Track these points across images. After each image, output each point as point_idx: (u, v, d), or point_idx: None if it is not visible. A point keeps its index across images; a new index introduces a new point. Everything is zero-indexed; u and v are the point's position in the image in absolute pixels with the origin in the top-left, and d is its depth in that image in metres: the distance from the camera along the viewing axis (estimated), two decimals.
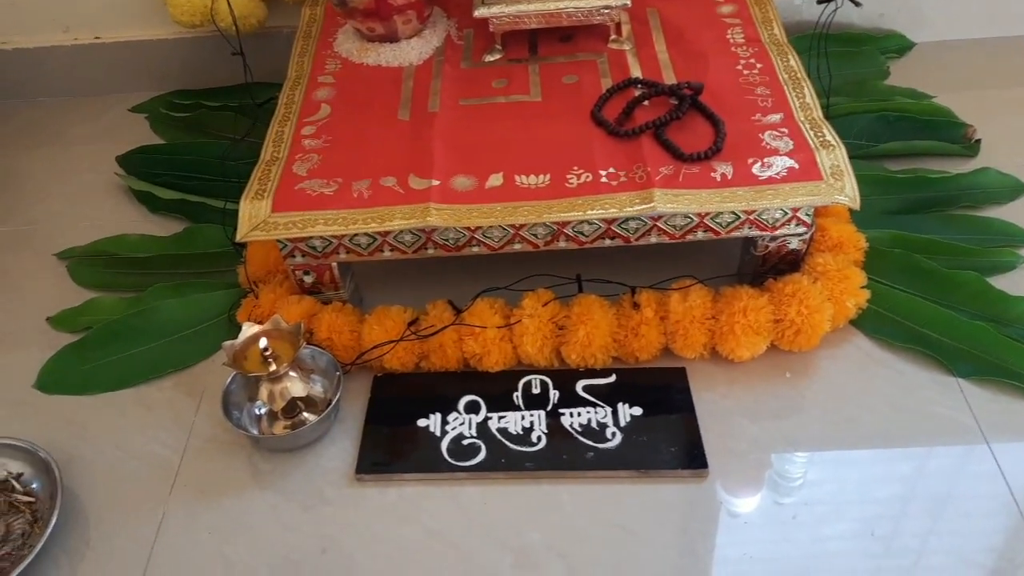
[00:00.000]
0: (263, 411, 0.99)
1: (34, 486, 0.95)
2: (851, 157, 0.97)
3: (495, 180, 0.98)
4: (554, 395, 0.99)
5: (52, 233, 1.28)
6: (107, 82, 1.51)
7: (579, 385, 1.00)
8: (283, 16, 1.39)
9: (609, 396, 0.99)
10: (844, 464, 0.93)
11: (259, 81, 1.29)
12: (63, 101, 1.53)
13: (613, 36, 1.15)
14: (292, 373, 0.97)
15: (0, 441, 0.97)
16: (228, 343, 0.95)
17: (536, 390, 1.00)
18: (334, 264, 1.04)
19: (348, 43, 1.21)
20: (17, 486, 0.95)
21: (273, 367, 0.94)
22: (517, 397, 0.99)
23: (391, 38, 1.18)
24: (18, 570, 0.86)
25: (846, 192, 0.93)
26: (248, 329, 0.97)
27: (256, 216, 0.98)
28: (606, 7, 1.11)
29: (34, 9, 1.44)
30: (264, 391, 0.97)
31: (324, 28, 1.26)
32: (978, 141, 1.23)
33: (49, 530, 0.89)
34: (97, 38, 1.48)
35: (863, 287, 1.01)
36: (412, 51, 1.18)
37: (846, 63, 1.34)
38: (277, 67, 1.23)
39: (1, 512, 0.93)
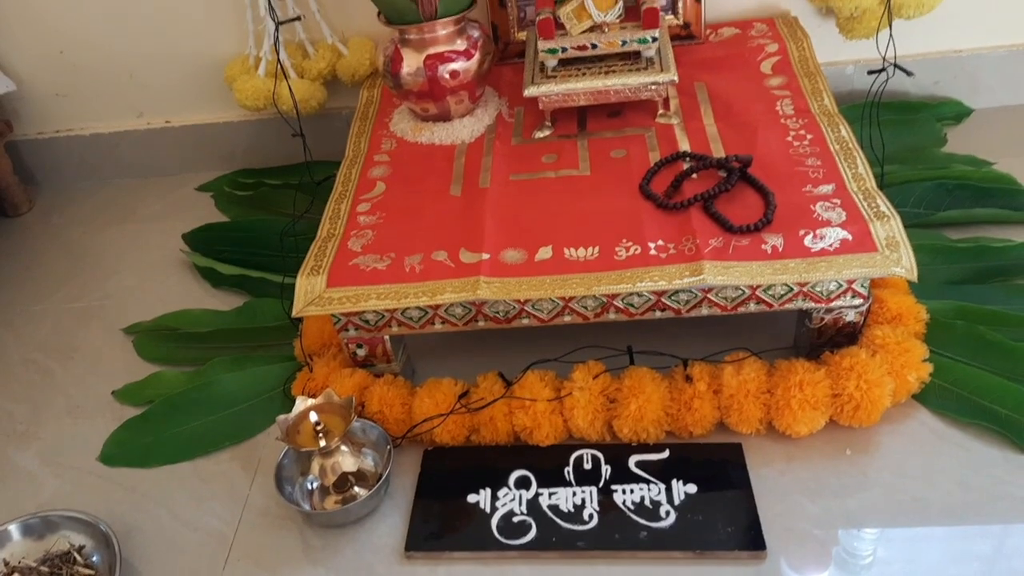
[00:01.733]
0: (315, 485, 0.99)
1: (95, 559, 0.96)
2: (909, 226, 0.95)
3: (544, 253, 0.99)
4: (606, 470, 0.97)
5: (122, 308, 1.32)
6: (176, 163, 1.58)
7: (632, 460, 0.98)
8: (342, 98, 1.45)
9: (663, 472, 0.96)
10: (910, 545, 0.88)
11: (318, 160, 1.33)
12: (135, 181, 1.61)
13: (661, 111, 1.16)
14: (343, 447, 0.98)
15: (64, 514, 0.99)
16: (282, 418, 0.97)
17: (588, 465, 0.98)
18: (386, 337, 1.05)
19: (403, 123, 1.24)
20: (79, 559, 0.96)
21: (324, 442, 0.95)
22: (568, 472, 0.98)
23: (444, 117, 1.21)
24: None
25: (902, 264, 0.91)
26: (301, 403, 0.98)
27: (312, 292, 1.00)
28: (654, 83, 1.12)
29: (112, 97, 1.53)
30: (316, 465, 0.98)
31: (380, 109, 1.30)
32: None
33: None
34: (168, 122, 1.56)
35: (925, 360, 0.98)
36: (464, 129, 1.21)
37: (901, 131, 1.32)
38: (336, 146, 1.28)
39: None
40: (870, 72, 1.21)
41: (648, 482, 0.95)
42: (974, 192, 1.21)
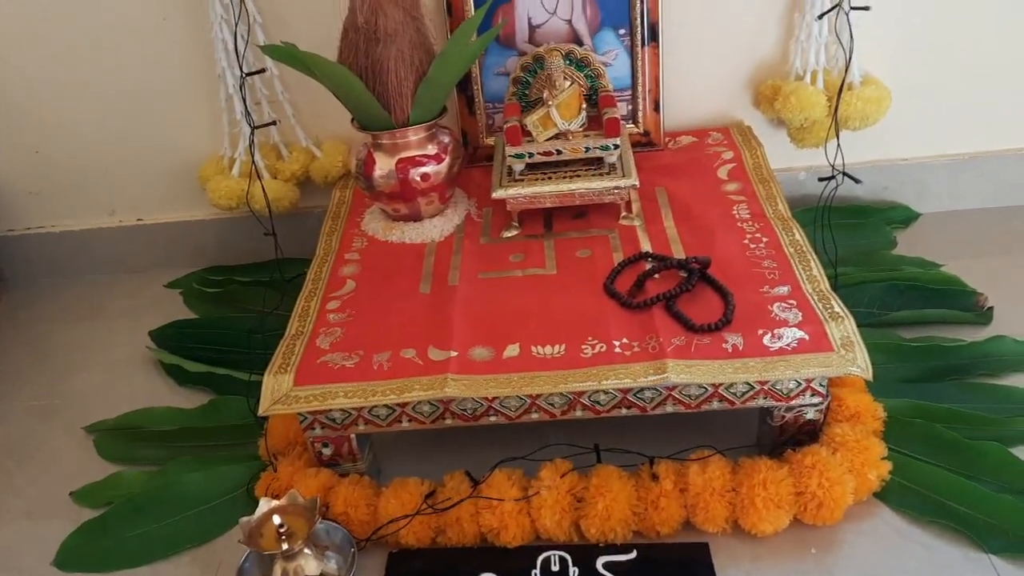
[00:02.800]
0: None
1: None
2: (863, 325, 0.98)
3: (512, 350, 1.00)
4: (573, 572, 0.96)
5: (85, 406, 1.30)
6: (146, 259, 1.58)
7: (599, 562, 0.97)
8: (314, 197, 1.47)
9: (630, 574, 0.95)
10: None
11: (289, 257, 1.35)
12: (105, 278, 1.60)
13: (624, 213, 1.20)
14: (307, 550, 0.95)
15: None
16: (244, 519, 0.95)
17: (555, 567, 0.97)
18: (353, 436, 1.04)
19: (374, 222, 1.27)
20: None
21: (287, 545, 0.93)
22: (536, 575, 0.96)
23: (415, 217, 1.24)
24: None
25: (857, 363, 0.93)
26: (265, 504, 0.96)
27: (278, 390, 0.99)
28: (616, 187, 1.16)
29: (86, 195, 1.54)
30: (278, 569, 0.95)
31: (352, 208, 1.33)
32: (990, 309, 1.23)
33: None
34: (140, 220, 1.56)
35: (884, 458, 0.99)
36: (434, 229, 1.23)
37: (853, 234, 1.37)
38: (307, 244, 1.29)
39: None
40: (821, 179, 1.27)
41: None
42: (924, 293, 1.25)
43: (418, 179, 1.19)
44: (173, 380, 1.32)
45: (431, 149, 1.19)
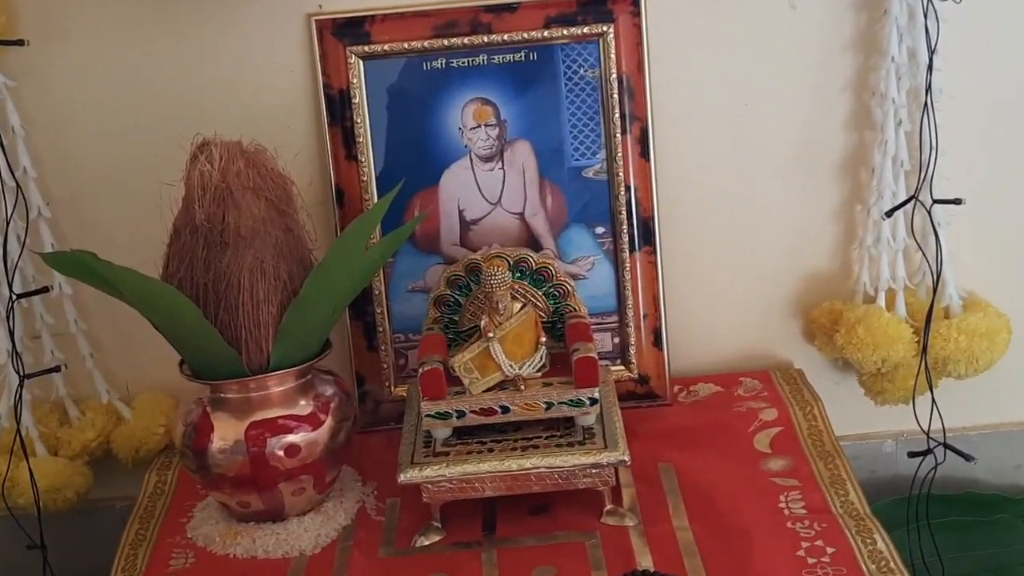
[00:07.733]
0: None
1: None
2: None
3: None
4: None
5: None
6: None
7: None
8: (117, 484, 1.46)
9: None
10: None
11: None
12: None
13: (608, 506, 1.20)
14: None
15: None
16: None
17: None
18: None
19: (208, 525, 1.25)
20: None
21: None
22: None
23: (275, 516, 1.23)
24: None
25: None
26: None
27: None
28: (595, 465, 1.17)
29: None
30: None
31: (174, 501, 1.33)
32: None
33: None
34: None
35: None
36: (305, 534, 1.22)
37: (972, 540, 1.38)
38: (99, 560, 1.26)
39: None
40: (912, 455, 1.28)
41: None
42: None
43: (280, 453, 1.19)
44: None
45: (303, 406, 1.21)
